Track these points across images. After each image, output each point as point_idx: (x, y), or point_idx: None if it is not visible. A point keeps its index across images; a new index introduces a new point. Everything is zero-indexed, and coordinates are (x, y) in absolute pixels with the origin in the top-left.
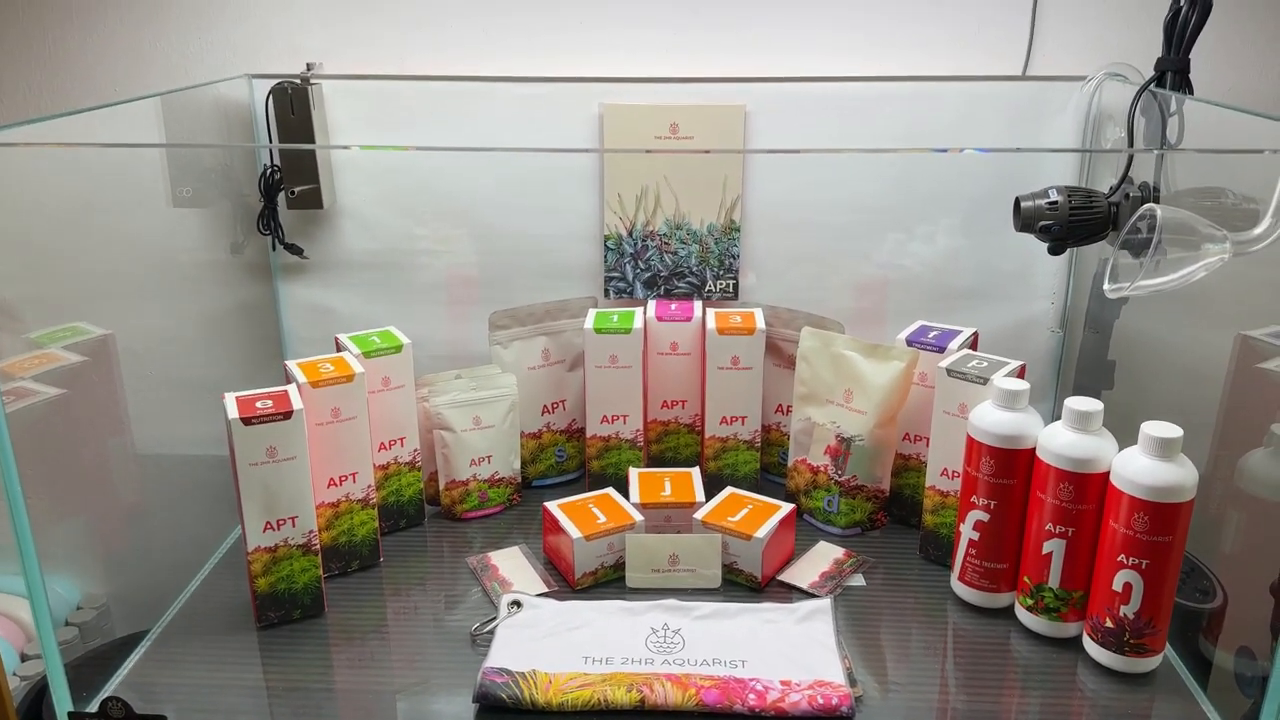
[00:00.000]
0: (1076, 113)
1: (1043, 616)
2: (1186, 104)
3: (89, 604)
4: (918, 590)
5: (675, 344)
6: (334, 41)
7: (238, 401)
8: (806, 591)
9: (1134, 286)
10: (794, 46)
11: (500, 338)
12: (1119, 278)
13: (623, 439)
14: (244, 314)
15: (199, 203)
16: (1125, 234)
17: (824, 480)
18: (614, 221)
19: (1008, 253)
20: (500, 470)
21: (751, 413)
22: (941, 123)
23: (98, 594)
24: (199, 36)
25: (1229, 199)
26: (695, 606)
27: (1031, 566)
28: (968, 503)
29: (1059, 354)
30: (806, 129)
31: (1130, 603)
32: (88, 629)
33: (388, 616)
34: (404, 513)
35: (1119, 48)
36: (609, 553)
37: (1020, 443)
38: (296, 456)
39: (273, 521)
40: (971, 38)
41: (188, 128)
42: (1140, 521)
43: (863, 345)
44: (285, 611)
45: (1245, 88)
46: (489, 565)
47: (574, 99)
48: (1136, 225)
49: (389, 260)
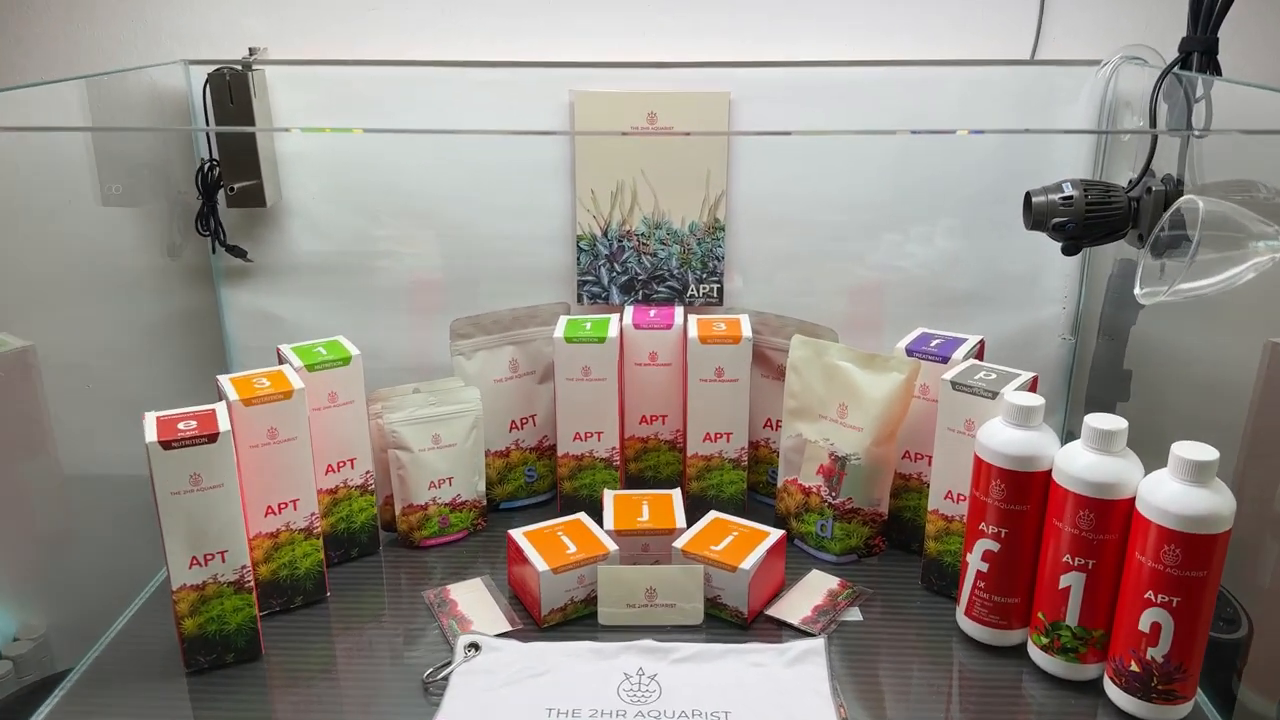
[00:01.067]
0: (1090, 100)
1: (1059, 657)
2: (1215, 86)
3: (26, 635)
4: (920, 625)
5: (654, 354)
6: (279, 24)
7: (158, 422)
8: (798, 628)
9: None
10: (783, 28)
11: (463, 347)
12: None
13: (597, 458)
14: (183, 323)
15: (131, 201)
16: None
17: (816, 503)
18: (587, 220)
19: (1015, 253)
20: (463, 493)
21: (737, 429)
22: (943, 111)
23: (36, 624)
24: (133, 18)
25: (1261, 193)
26: (674, 648)
27: (1047, 602)
28: (976, 530)
29: (1070, 363)
30: (794, 117)
31: (1159, 645)
32: (23, 662)
33: (336, 657)
34: (355, 541)
35: (1135, 29)
36: (579, 586)
37: (1034, 464)
38: (224, 484)
39: (199, 556)
40: (975, 18)
41: (118, 118)
42: (1171, 555)
43: (859, 355)
44: (217, 655)
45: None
46: (447, 600)
47: (542, 86)
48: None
49: (342, 263)
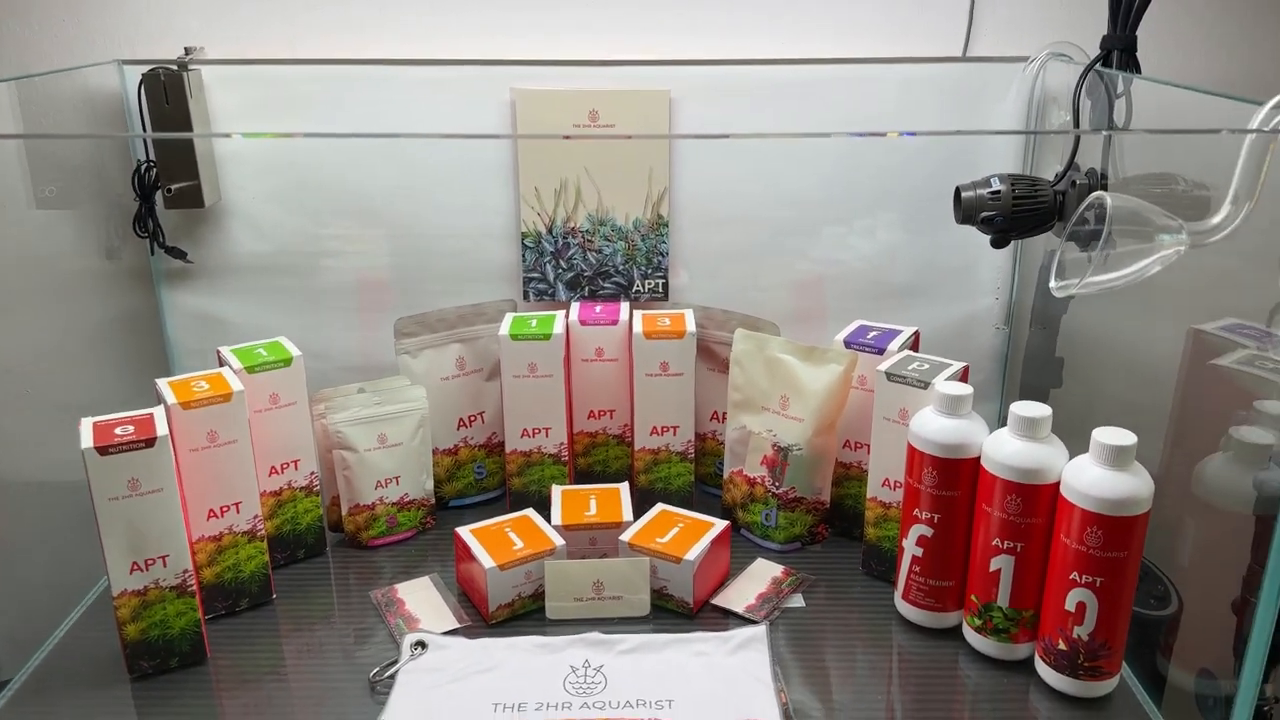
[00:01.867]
0: (1019, 96)
1: (992, 637)
2: (1134, 84)
3: None
4: (861, 609)
5: (600, 349)
6: (216, 23)
7: (94, 427)
8: (742, 616)
9: (1082, 284)
10: (722, 27)
11: (408, 346)
12: (1066, 274)
13: (545, 454)
14: (123, 325)
15: (65, 203)
16: (1072, 225)
17: (761, 493)
18: (532, 218)
19: (950, 247)
20: (410, 492)
21: (684, 422)
22: (879, 108)
23: None
24: (64, 17)
25: (1180, 185)
26: (620, 639)
27: (979, 584)
28: (910, 516)
29: (1005, 352)
30: (736, 115)
31: (1084, 623)
32: None
33: (284, 658)
34: (301, 542)
35: (1061, 27)
36: (526, 582)
37: (964, 451)
38: (163, 489)
39: (140, 562)
40: (909, 17)
41: (51, 120)
42: (1093, 536)
43: (799, 348)
44: (161, 660)
45: (1193, 66)
46: (394, 599)
47: (483, 84)
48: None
49: (284, 264)
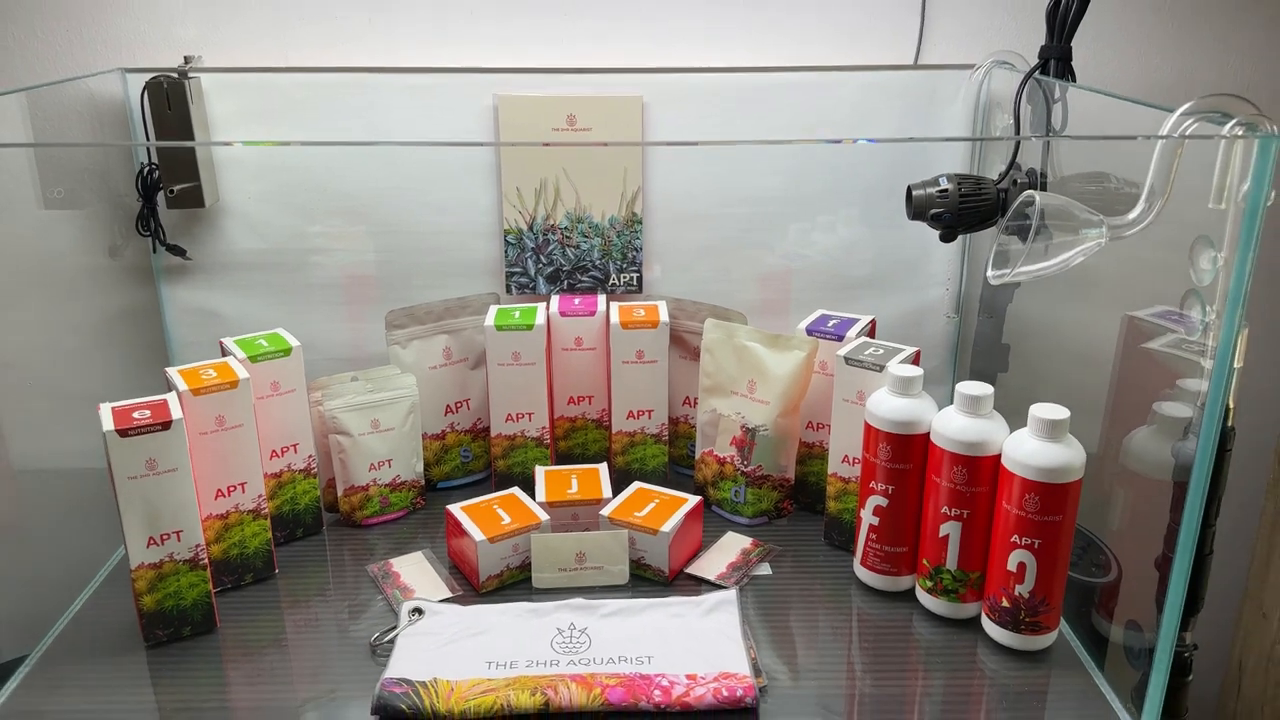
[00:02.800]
0: (967, 101)
1: (942, 598)
2: (1070, 91)
3: None
4: (823, 576)
5: (579, 339)
6: (212, 32)
7: (114, 412)
8: (714, 583)
9: (1015, 272)
10: (690, 36)
11: (398, 337)
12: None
13: (529, 437)
14: (126, 319)
15: (72, 204)
16: (1008, 221)
17: (730, 471)
18: (514, 216)
19: (904, 241)
20: (402, 474)
21: (658, 406)
22: (837, 112)
23: None
24: (68, 30)
25: (1112, 183)
26: (602, 604)
27: (930, 549)
28: (867, 488)
29: (955, 339)
30: (704, 119)
31: (1025, 582)
32: None
33: (286, 629)
34: (300, 521)
35: (1006, 37)
36: (514, 554)
37: (915, 428)
38: (178, 468)
39: (156, 536)
40: (864, 28)
41: (57, 126)
42: (1031, 502)
43: (764, 336)
44: (174, 629)
45: (1123, 75)
46: (390, 572)
47: (467, 90)
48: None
49: (278, 260)
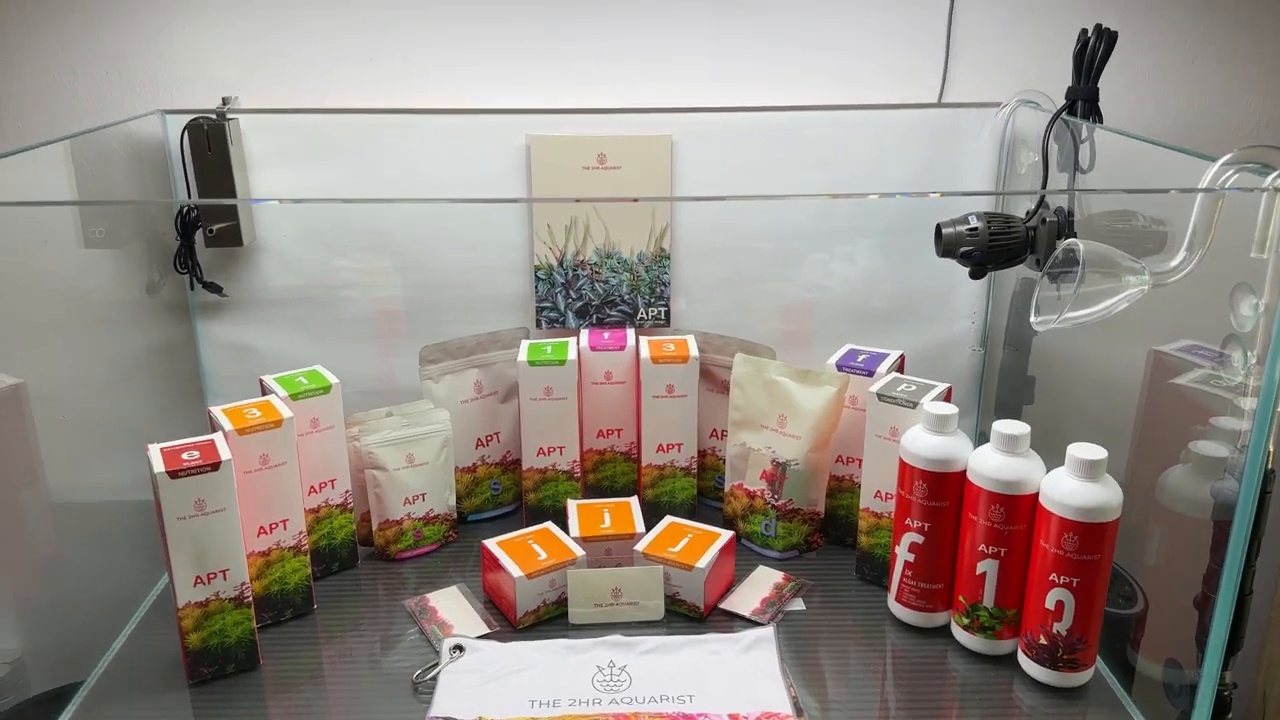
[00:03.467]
0: (992, 138)
1: (979, 635)
2: (1096, 132)
3: (2, 659)
4: (855, 611)
5: (609, 373)
6: (250, 74)
7: (163, 453)
8: (748, 619)
9: (1060, 319)
10: (719, 77)
11: (431, 372)
12: (1043, 310)
13: (559, 470)
14: (162, 355)
15: (112, 243)
16: (1048, 267)
17: (761, 505)
18: (544, 252)
19: (928, 274)
20: (435, 507)
21: (687, 439)
22: (863, 149)
23: (10, 649)
24: (108, 71)
25: (1139, 221)
26: (639, 641)
27: (966, 586)
28: (902, 525)
29: (980, 372)
30: (732, 157)
31: (1062, 620)
32: (1, 685)
33: (324, 665)
34: (336, 556)
35: (1030, 75)
36: (551, 589)
37: (951, 466)
38: (226, 508)
39: (203, 575)
40: (889, 67)
41: (99, 169)
42: (1070, 541)
43: (795, 371)
44: (219, 666)
45: (1146, 116)
46: (427, 607)
47: (499, 130)
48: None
49: (312, 296)
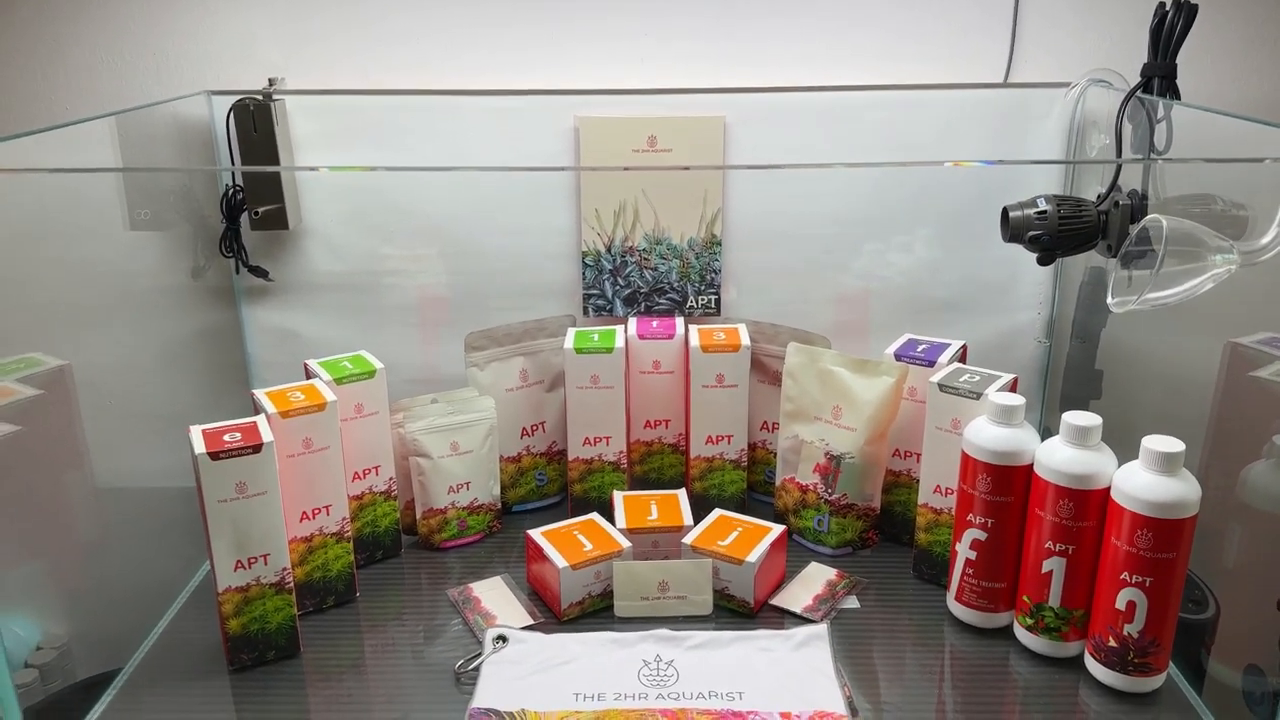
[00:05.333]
0: (1060, 119)
1: (1043, 636)
2: (1174, 110)
3: (49, 644)
4: (912, 610)
5: (658, 362)
6: (295, 55)
7: (204, 435)
8: (800, 616)
9: (1140, 300)
10: (773, 56)
11: (477, 359)
12: (1121, 291)
13: (606, 461)
14: (207, 340)
15: (158, 225)
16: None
17: (813, 499)
18: (592, 237)
19: (992, 262)
20: (479, 497)
21: (738, 431)
22: (924, 131)
23: (59, 633)
24: (154, 52)
25: (1218, 205)
26: (688, 636)
27: (1031, 585)
28: (964, 521)
29: (1046, 364)
30: (787, 139)
31: (1134, 621)
32: (48, 670)
33: (365, 653)
34: (380, 544)
35: (1100, 54)
36: (596, 581)
37: (1017, 459)
38: (267, 491)
39: (244, 560)
40: (953, 45)
41: (144, 148)
42: (1144, 538)
43: (851, 361)
44: (259, 653)
45: (1226, 93)
46: (470, 597)
47: (548, 112)
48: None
49: (358, 281)
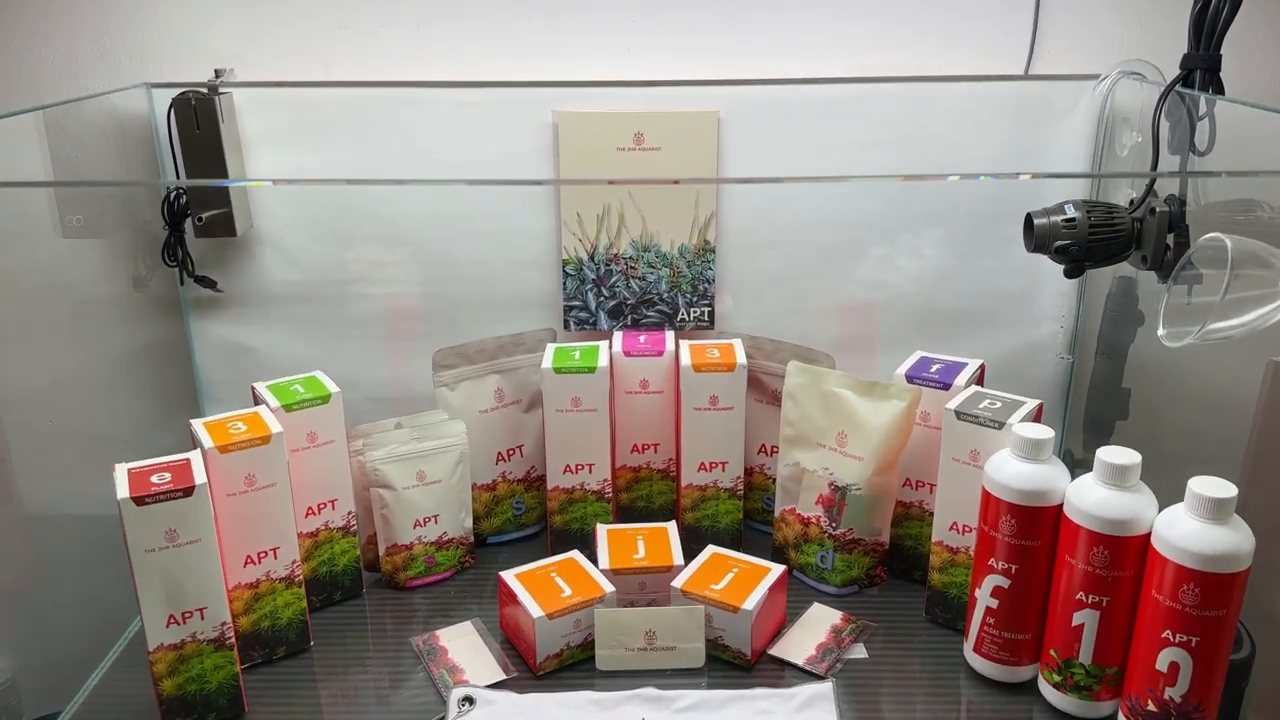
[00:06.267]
0: (1087, 115)
1: (1072, 695)
2: (1218, 105)
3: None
4: (925, 659)
5: (645, 381)
6: (246, 45)
7: (130, 475)
8: (802, 669)
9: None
10: (772, 45)
11: (446, 379)
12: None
13: (588, 490)
14: (152, 355)
15: (93, 232)
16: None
17: (816, 533)
18: (573, 244)
19: (1010, 271)
20: (449, 530)
21: (733, 458)
22: (937, 127)
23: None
24: (90, 41)
25: (1265, 213)
26: (677, 696)
27: (1059, 639)
28: (984, 566)
29: (1068, 382)
30: (787, 137)
31: (1177, 684)
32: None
33: (323, 707)
34: (338, 584)
35: (1133, 43)
36: (575, 631)
37: (1045, 499)
38: (201, 539)
39: (177, 615)
40: (968, 33)
41: (77, 146)
42: (1190, 594)
43: (858, 383)
44: (198, 715)
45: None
46: (437, 647)
47: (523, 106)
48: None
49: (315, 292)
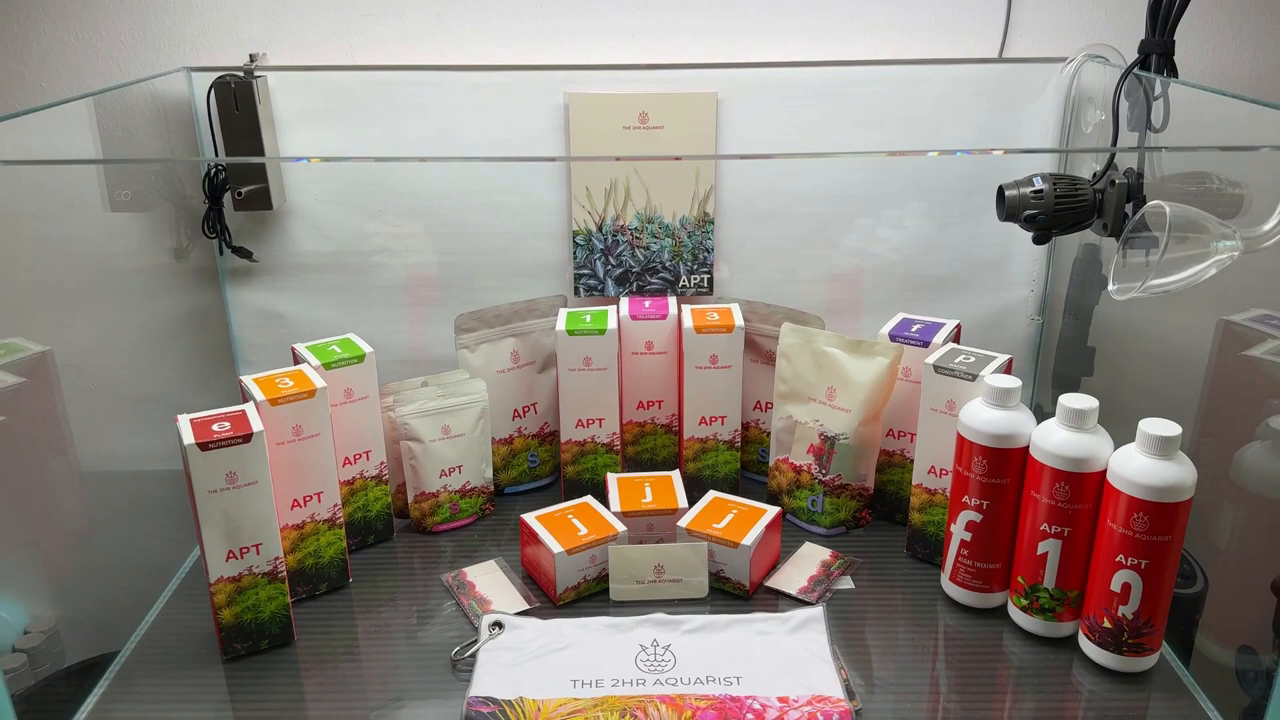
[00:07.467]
0: (1056, 95)
1: (1038, 616)
2: (1171, 88)
3: (36, 627)
4: (906, 590)
5: (650, 343)
6: (277, 30)
7: (193, 424)
8: (796, 598)
9: (1143, 287)
10: (766, 31)
11: (467, 341)
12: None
13: (599, 443)
14: (191, 322)
15: (139, 206)
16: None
17: (807, 480)
18: (583, 216)
19: (985, 240)
20: (471, 480)
21: (731, 412)
22: (919, 107)
23: (46, 616)
24: (131, 28)
25: (1214, 184)
26: (684, 620)
27: (1026, 567)
28: (959, 503)
29: (1038, 341)
30: (781, 115)
31: (1129, 603)
32: (36, 655)
33: (360, 639)
34: (372, 528)
35: (1097, 29)
36: (591, 565)
37: (1013, 441)
38: (258, 481)
39: (235, 550)
40: (948, 20)
41: (123, 127)
42: (1140, 521)
43: (845, 341)
44: (253, 642)
45: (1222, 69)
46: (465, 582)
47: (536, 88)
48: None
49: (344, 262)
